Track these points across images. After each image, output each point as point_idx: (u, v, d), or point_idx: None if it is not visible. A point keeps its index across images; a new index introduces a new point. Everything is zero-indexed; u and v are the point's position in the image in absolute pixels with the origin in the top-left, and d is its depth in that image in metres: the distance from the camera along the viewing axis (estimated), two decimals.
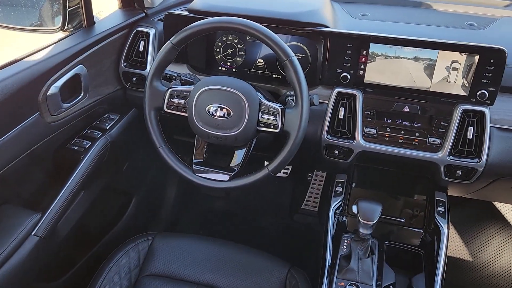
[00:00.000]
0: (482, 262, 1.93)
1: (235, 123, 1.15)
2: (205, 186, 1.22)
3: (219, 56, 1.47)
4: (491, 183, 1.34)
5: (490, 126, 1.21)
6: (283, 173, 2.15)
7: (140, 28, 1.48)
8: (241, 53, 1.45)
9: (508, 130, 1.23)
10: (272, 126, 1.15)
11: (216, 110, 1.15)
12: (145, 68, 1.47)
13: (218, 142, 1.19)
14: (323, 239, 1.34)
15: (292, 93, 1.22)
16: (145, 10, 1.57)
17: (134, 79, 1.49)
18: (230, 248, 1.33)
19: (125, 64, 1.49)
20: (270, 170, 1.15)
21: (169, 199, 2.09)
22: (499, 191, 1.48)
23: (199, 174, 1.21)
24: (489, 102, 1.20)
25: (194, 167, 1.22)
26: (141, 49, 1.47)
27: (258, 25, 1.12)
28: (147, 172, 1.93)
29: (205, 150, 1.25)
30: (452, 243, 1.95)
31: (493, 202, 2.01)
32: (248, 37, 1.44)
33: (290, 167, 2.14)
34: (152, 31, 1.47)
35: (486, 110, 1.21)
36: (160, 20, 1.54)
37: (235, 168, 1.21)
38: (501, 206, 2.01)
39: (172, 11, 1.43)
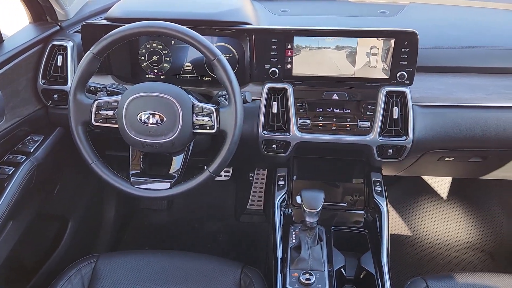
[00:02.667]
0: (420, 234, 2.06)
1: (170, 129, 1.12)
2: (146, 197, 1.17)
3: (144, 64, 1.43)
4: (419, 158, 1.42)
5: (412, 105, 1.29)
6: (225, 176, 2.14)
7: (56, 42, 1.40)
8: (167, 58, 1.42)
9: (428, 107, 1.31)
10: (208, 127, 1.14)
11: (148, 118, 1.11)
12: (66, 83, 1.39)
13: (154, 150, 1.16)
14: (271, 234, 1.35)
15: (224, 92, 1.22)
16: (59, 23, 1.48)
17: (56, 96, 1.41)
18: (179, 257, 1.30)
19: (43, 81, 1.40)
20: (212, 172, 1.14)
21: (109, 218, 2.00)
22: (427, 165, 1.58)
23: (138, 186, 1.17)
24: (408, 82, 1.28)
25: (132, 179, 1.17)
26: (59, 64, 1.39)
27: (182, 27, 1.10)
28: (82, 193, 1.83)
29: (141, 160, 1.21)
30: (391, 221, 2.06)
31: (422, 177, 2.15)
32: (173, 42, 1.41)
33: (231, 170, 2.14)
34: (69, 44, 1.40)
35: (407, 90, 1.29)
36: (77, 32, 1.47)
37: (175, 175, 1.18)
38: (429, 180, 2.16)
39: (89, 21, 1.37)
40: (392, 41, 1.25)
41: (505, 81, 1.33)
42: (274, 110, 1.32)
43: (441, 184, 2.15)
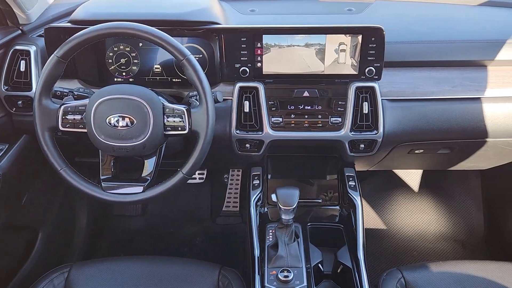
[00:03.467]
0: (394, 227, 2.10)
1: (141, 131, 1.10)
2: (119, 202, 1.15)
3: (112, 67, 1.40)
4: (390, 151, 1.45)
5: (381, 99, 1.31)
6: (199, 178, 2.13)
7: (18, 47, 1.36)
8: (136, 61, 1.40)
9: (397, 101, 1.34)
10: (179, 128, 1.13)
11: (117, 121, 1.09)
12: (30, 89, 1.35)
13: (125, 154, 1.13)
14: (248, 234, 1.35)
15: (195, 93, 1.21)
16: (20, 27, 1.44)
17: (20, 102, 1.36)
18: (156, 262, 1.28)
19: (6, 87, 1.35)
20: (185, 173, 1.12)
21: (82, 227, 1.95)
22: (398, 158, 1.61)
23: (110, 191, 1.14)
24: (377, 77, 1.30)
25: (103, 184, 1.14)
26: (22, 69, 1.34)
27: (149, 27, 1.08)
28: (52, 201, 1.77)
29: (112, 164, 1.18)
30: (366, 215, 2.09)
31: (394, 171, 2.19)
32: (141, 44, 1.39)
33: (205, 172, 2.12)
34: (32, 49, 1.35)
35: (375, 85, 1.31)
36: (40, 36, 1.43)
37: (148, 178, 1.16)
38: (401, 173, 2.21)
39: (53, 25, 1.33)
40: (360, 37, 1.27)
41: (469, 74, 1.37)
42: (246, 109, 1.32)
43: (412, 177, 2.20)
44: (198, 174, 2.14)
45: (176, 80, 1.42)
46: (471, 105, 1.34)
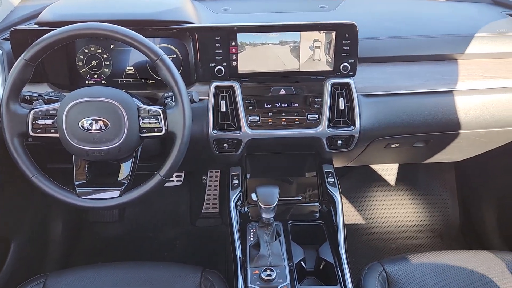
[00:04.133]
0: (374, 222, 2.13)
1: (115, 134, 1.07)
2: (95, 208, 1.12)
3: (83, 69, 1.37)
4: (367, 146, 1.46)
5: (357, 95, 1.32)
6: (177, 181, 2.10)
7: None
8: (108, 63, 1.36)
9: (372, 96, 1.35)
10: (155, 130, 1.10)
11: (91, 124, 1.06)
12: None
13: (100, 158, 1.10)
14: (229, 235, 1.33)
15: (170, 93, 1.19)
16: None
17: None
18: (135, 268, 1.25)
19: None
20: (163, 175, 1.10)
21: (57, 235, 1.89)
22: (375, 153, 1.63)
23: (85, 197, 1.11)
24: (351, 73, 1.31)
25: (78, 190, 1.11)
26: None
27: (121, 27, 1.06)
28: (25, 210, 1.71)
29: (86, 169, 1.15)
30: (345, 211, 2.10)
31: (371, 166, 2.22)
32: (113, 45, 1.36)
33: (183, 174, 2.10)
34: None
35: (350, 81, 1.32)
36: (6, 39, 1.37)
37: (125, 182, 1.13)
38: (378, 168, 2.23)
39: (19, 27, 1.29)
40: (333, 34, 1.27)
41: (441, 67, 1.40)
42: (223, 109, 1.30)
43: (388, 171, 2.23)
44: (176, 176, 2.11)
45: (150, 81, 1.39)
46: (444, 98, 1.37)
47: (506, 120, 1.41)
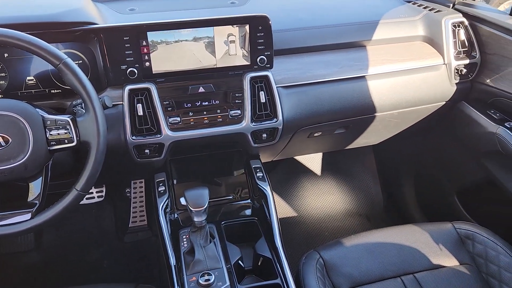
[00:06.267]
0: (305, 212, 2.16)
1: (19, 150, 0.96)
2: (4, 235, 0.99)
3: None
4: (291, 138, 1.47)
5: (277, 87, 1.32)
6: (98, 196, 1.96)
7: None
8: (3, 74, 1.22)
9: (291, 87, 1.36)
10: (66, 141, 1.01)
11: None
12: None
13: (3, 179, 0.98)
14: (161, 244, 1.26)
15: (79, 100, 1.09)
16: None
17: None
18: None
19: None
20: (80, 190, 1.00)
21: None
22: (299, 144, 1.65)
23: None
24: (269, 66, 1.31)
25: None
26: None
27: (14, 31, 0.95)
28: None
29: None
30: (276, 205, 2.11)
31: (297, 158, 2.26)
32: (6, 54, 1.21)
33: (104, 188, 1.96)
34: None
35: (269, 73, 1.31)
36: None
37: (36, 202, 1.02)
38: (303, 160, 2.28)
39: None
40: (247, 27, 1.26)
41: (353, 54, 1.45)
42: (140, 113, 1.23)
43: (313, 161, 2.28)
44: (96, 192, 1.97)
45: (56, 91, 1.27)
46: (358, 83, 1.42)
47: (415, 100, 1.50)
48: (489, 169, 1.54)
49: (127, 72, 1.22)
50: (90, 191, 1.95)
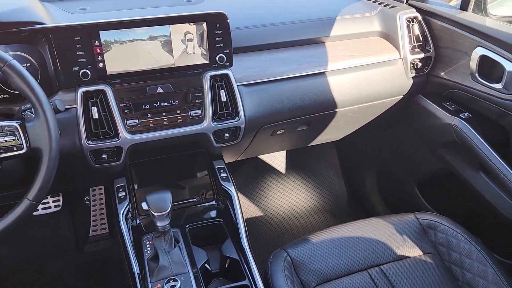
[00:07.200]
0: (271, 212, 2.16)
1: None
2: None
3: None
4: (254, 136, 1.46)
5: (237, 85, 1.30)
6: (55, 206, 1.87)
7: None
8: None
9: (252, 85, 1.35)
10: (15, 148, 0.95)
11: None
12: None
13: None
14: (123, 252, 1.21)
15: (28, 105, 1.03)
16: None
17: None
18: None
19: None
20: (32, 199, 0.94)
21: None
22: (262, 142, 1.64)
23: None
24: (228, 64, 1.28)
25: None
26: None
27: None
28: None
29: None
30: (242, 206, 2.09)
31: (260, 157, 2.25)
32: None
33: (60, 197, 1.87)
34: None
35: (229, 72, 1.29)
36: None
37: None
38: (267, 159, 2.27)
39: None
40: (204, 25, 1.23)
41: (312, 51, 1.45)
42: (95, 116, 1.17)
43: (278, 160, 2.28)
44: (53, 201, 1.87)
45: (3, 96, 1.19)
46: (318, 79, 1.42)
47: (374, 95, 1.53)
48: (447, 160, 1.59)
49: (80, 74, 1.16)
50: (46, 200, 1.87)
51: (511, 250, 1.49)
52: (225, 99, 1.28)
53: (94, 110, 1.17)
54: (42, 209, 1.86)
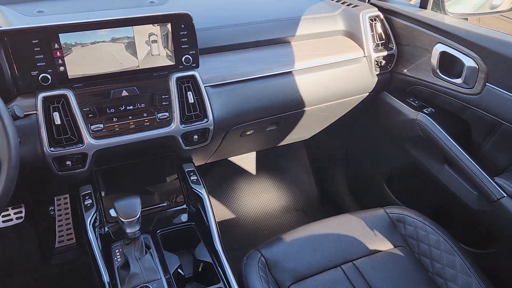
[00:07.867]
0: (243, 213, 2.15)
1: None
2: None
3: None
4: (224, 138, 1.45)
5: (204, 86, 1.29)
6: (17, 218, 1.79)
7: None
8: None
9: (219, 86, 1.33)
10: None
11: None
12: None
13: None
14: (92, 262, 1.17)
15: None
16: None
17: None
18: None
19: None
20: None
21: None
22: (232, 144, 1.63)
23: None
24: (194, 65, 1.27)
25: None
26: None
27: None
28: None
29: None
30: (214, 209, 2.08)
31: (230, 159, 2.23)
32: None
33: (23, 208, 1.79)
34: None
35: (195, 73, 1.27)
36: None
37: None
38: (238, 161, 2.26)
39: None
40: (169, 26, 1.21)
41: (279, 50, 1.45)
42: (58, 121, 1.13)
43: (248, 161, 2.27)
44: (14, 213, 1.79)
45: None
46: (286, 79, 1.43)
47: (340, 92, 1.54)
48: (413, 154, 1.63)
49: (39, 78, 1.11)
50: (7, 212, 1.78)
51: (477, 240, 1.54)
52: (192, 101, 1.26)
53: (56, 115, 1.13)
54: (3, 222, 1.78)
